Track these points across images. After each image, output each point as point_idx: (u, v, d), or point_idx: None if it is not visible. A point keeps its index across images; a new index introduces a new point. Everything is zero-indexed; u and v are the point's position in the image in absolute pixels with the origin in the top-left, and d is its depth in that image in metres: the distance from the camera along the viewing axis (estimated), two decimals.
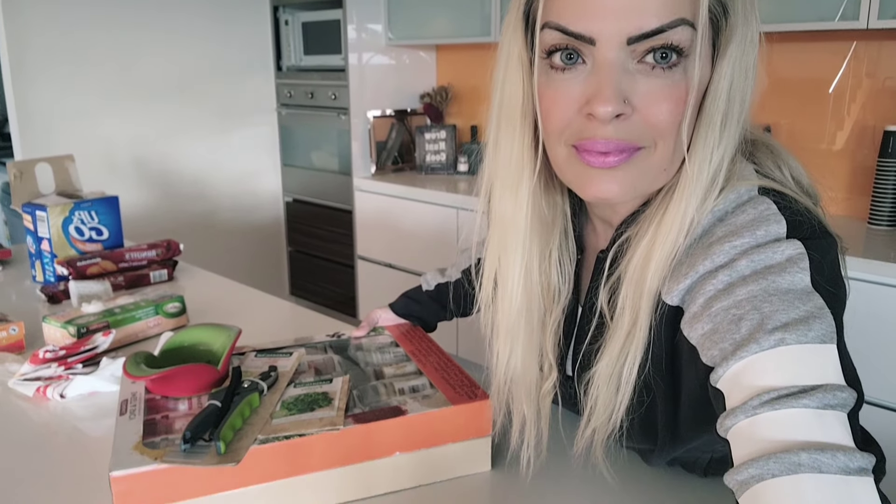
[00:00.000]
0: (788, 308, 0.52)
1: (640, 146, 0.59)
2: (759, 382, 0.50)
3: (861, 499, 0.44)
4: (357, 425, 0.75)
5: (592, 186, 0.61)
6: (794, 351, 0.50)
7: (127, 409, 0.78)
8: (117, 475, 0.66)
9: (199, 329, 0.93)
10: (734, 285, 0.55)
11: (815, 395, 0.48)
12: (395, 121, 3.18)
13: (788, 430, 0.47)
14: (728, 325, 0.53)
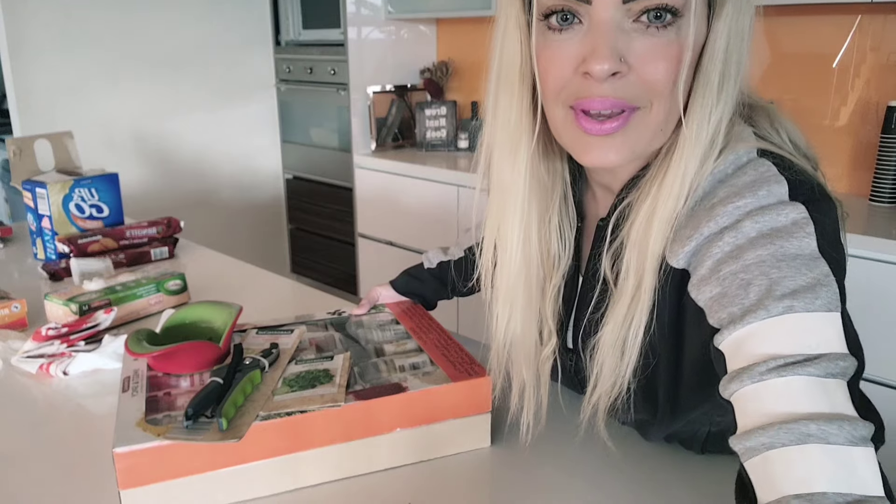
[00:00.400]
0: (796, 275, 0.53)
1: (636, 106, 0.60)
2: (765, 349, 0.51)
3: (862, 467, 0.46)
4: (358, 402, 0.75)
5: (591, 153, 0.61)
6: (801, 318, 0.51)
7: (129, 385, 0.78)
8: (121, 451, 0.67)
9: (200, 306, 0.93)
10: (742, 248, 0.55)
11: (819, 364, 0.49)
12: (395, 97, 3.16)
13: (795, 399, 0.49)
14: (737, 290, 0.54)
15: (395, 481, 0.77)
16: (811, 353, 0.50)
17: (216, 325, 0.91)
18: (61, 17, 2.72)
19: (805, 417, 0.48)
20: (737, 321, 0.53)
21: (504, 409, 0.83)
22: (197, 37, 3.11)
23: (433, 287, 1.06)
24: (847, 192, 2.26)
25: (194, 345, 0.82)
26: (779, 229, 0.55)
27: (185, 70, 3.10)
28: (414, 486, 0.76)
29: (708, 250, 0.57)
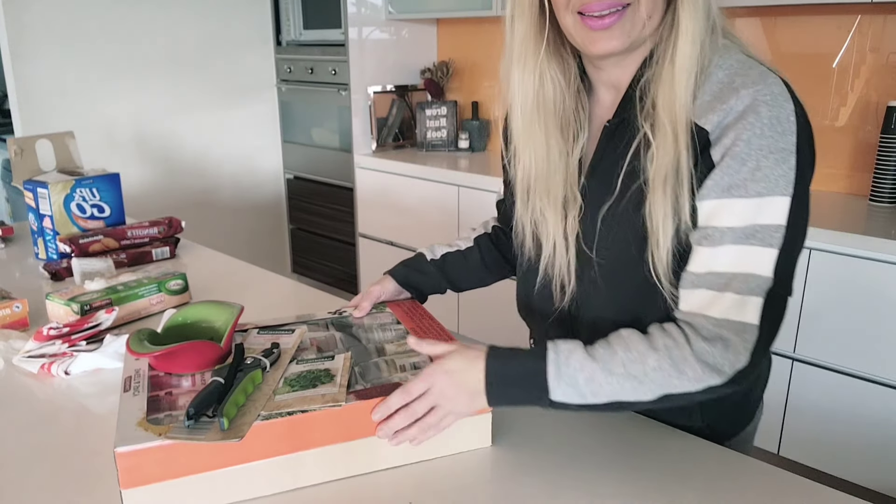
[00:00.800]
0: (777, 164, 0.73)
1: (627, 3, 0.77)
2: (721, 223, 0.74)
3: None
4: (359, 401, 0.76)
5: (597, 44, 0.78)
6: (765, 200, 0.73)
7: (131, 385, 0.79)
8: (122, 451, 0.67)
9: (201, 306, 0.93)
10: (751, 138, 0.73)
11: (758, 236, 0.73)
12: (395, 97, 3.16)
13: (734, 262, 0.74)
14: (733, 164, 0.74)
15: (395, 481, 0.78)
16: (760, 224, 0.73)
17: (217, 324, 0.91)
18: (62, 17, 2.72)
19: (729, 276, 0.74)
20: (723, 192, 0.74)
21: (504, 420, 0.84)
22: (198, 37, 3.12)
23: (434, 280, 1.07)
24: (847, 191, 2.26)
25: (195, 344, 0.82)
26: (781, 120, 0.73)
27: (186, 70, 3.11)
28: (415, 485, 0.77)
29: (734, 126, 0.74)
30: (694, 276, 0.76)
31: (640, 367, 0.73)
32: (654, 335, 0.75)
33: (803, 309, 1.89)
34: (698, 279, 0.76)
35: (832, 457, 1.92)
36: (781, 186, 0.73)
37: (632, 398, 0.74)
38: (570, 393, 0.74)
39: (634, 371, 0.73)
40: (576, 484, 0.77)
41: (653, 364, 0.73)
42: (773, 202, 0.73)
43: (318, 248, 3.49)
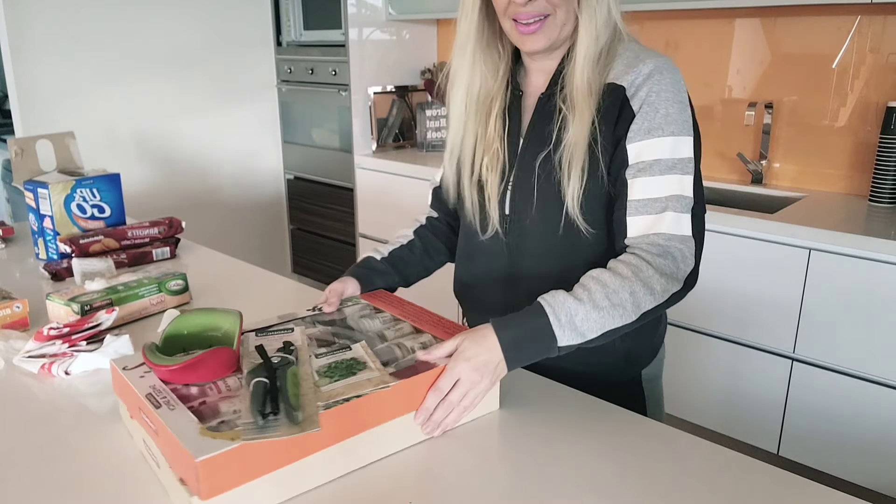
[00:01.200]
0: (680, 112, 0.96)
1: (547, 14, 0.98)
2: (649, 157, 0.95)
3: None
4: (401, 381, 0.81)
5: (527, 44, 1.00)
6: (679, 138, 0.96)
7: (160, 402, 0.77)
8: (204, 459, 0.66)
9: (198, 315, 0.93)
10: (659, 91, 0.96)
11: (679, 166, 0.95)
12: (395, 97, 3.17)
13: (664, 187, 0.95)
14: (649, 111, 0.95)
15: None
16: (677, 157, 0.95)
17: (221, 332, 0.91)
18: (63, 17, 2.72)
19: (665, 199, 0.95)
20: (644, 134, 0.95)
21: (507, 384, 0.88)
22: (198, 37, 3.12)
23: (389, 278, 1.16)
24: (846, 192, 2.26)
25: (217, 351, 0.82)
26: (678, 82, 0.97)
27: (186, 70, 3.11)
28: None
29: (645, 83, 0.96)
30: (636, 203, 0.95)
31: (619, 296, 0.89)
32: (618, 267, 0.92)
33: (803, 309, 1.89)
34: (641, 206, 0.95)
35: (831, 457, 1.92)
36: (686, 129, 0.96)
37: (619, 324, 0.90)
38: (573, 336, 0.88)
39: (616, 300, 0.89)
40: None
41: (628, 289, 0.90)
42: (683, 140, 0.96)
43: (318, 248, 3.49)
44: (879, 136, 2.04)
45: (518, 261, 1.07)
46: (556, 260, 1.04)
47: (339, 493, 0.76)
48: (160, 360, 0.80)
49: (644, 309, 0.91)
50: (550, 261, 1.04)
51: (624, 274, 0.91)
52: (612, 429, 0.88)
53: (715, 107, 2.50)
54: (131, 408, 0.82)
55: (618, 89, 0.97)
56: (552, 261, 1.04)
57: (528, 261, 1.06)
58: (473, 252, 1.13)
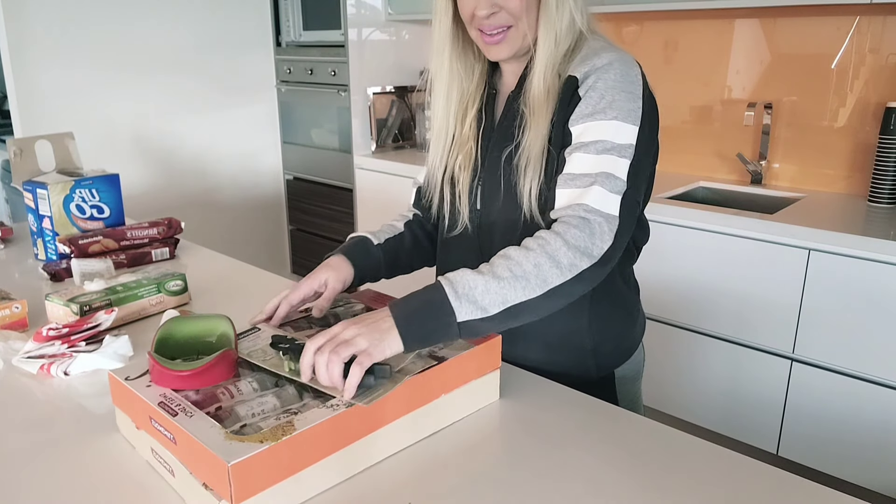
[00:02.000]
0: (627, 101, 0.96)
1: (510, 25, 1.01)
2: (589, 137, 0.96)
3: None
4: (419, 374, 0.83)
5: (492, 52, 1.04)
6: (620, 125, 0.95)
7: (175, 409, 0.76)
8: (236, 462, 0.66)
9: (187, 322, 0.92)
10: (607, 79, 0.97)
11: (615, 150, 0.95)
12: (395, 97, 3.16)
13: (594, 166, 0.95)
14: (594, 96, 0.97)
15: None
16: (616, 143, 0.94)
17: (216, 334, 0.91)
18: (62, 18, 2.72)
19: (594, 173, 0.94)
20: (587, 117, 0.96)
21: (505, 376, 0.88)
22: (198, 38, 3.12)
23: (376, 268, 1.14)
24: (846, 192, 2.26)
25: (226, 354, 0.82)
26: (629, 74, 0.98)
27: (185, 71, 3.11)
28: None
29: (595, 71, 0.98)
30: (567, 176, 0.96)
31: (521, 267, 0.87)
32: (527, 241, 0.91)
33: (802, 309, 1.89)
34: (571, 179, 0.95)
35: (831, 457, 1.92)
36: (632, 118, 0.95)
37: (522, 297, 0.87)
38: (472, 309, 0.85)
39: (518, 272, 0.87)
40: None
41: (532, 261, 0.88)
42: (626, 127, 0.95)
43: (317, 248, 3.49)
44: (879, 136, 2.04)
45: (489, 255, 1.05)
46: None
47: (342, 494, 0.76)
48: (173, 366, 0.80)
49: (551, 284, 0.88)
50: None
51: (531, 246, 0.90)
52: (612, 428, 0.88)
53: (714, 107, 2.50)
54: (138, 418, 0.81)
55: (571, 80, 0.99)
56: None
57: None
58: (449, 247, 1.15)
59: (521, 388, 0.98)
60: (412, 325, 0.83)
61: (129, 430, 0.85)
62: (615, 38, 2.68)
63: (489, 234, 1.09)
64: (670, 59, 2.57)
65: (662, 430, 0.88)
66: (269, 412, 0.77)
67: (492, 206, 1.07)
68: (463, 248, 1.12)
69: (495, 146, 1.08)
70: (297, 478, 0.73)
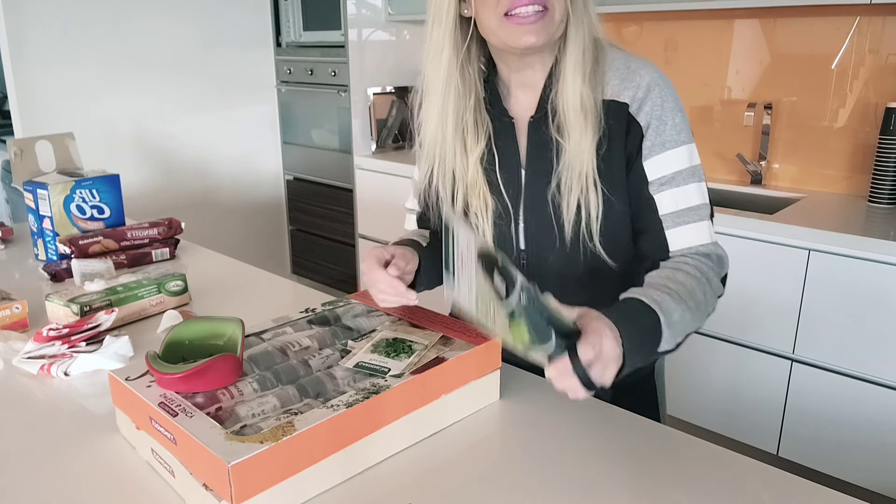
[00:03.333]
0: (683, 120, 0.95)
1: (546, 7, 0.90)
2: (670, 169, 0.94)
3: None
4: (417, 375, 0.83)
5: (524, 38, 0.91)
6: (690, 146, 0.96)
7: (175, 410, 0.76)
8: (237, 462, 0.66)
9: (199, 323, 0.92)
10: (663, 103, 0.94)
11: (696, 173, 0.95)
12: (395, 98, 3.17)
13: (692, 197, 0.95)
14: (659, 126, 0.94)
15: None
16: (691, 165, 0.95)
17: (225, 338, 0.91)
18: (62, 18, 2.72)
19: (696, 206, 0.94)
20: (659, 148, 0.93)
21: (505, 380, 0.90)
22: (198, 38, 3.12)
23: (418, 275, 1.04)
24: (846, 192, 2.26)
25: (224, 357, 0.82)
26: (671, 89, 0.95)
27: (186, 71, 3.11)
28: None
29: (648, 96, 0.93)
30: (671, 216, 0.94)
31: (696, 297, 0.86)
32: (685, 266, 0.90)
33: (802, 310, 1.89)
34: (677, 218, 0.94)
35: (831, 457, 1.92)
36: (690, 135, 0.96)
37: (692, 329, 0.87)
38: (670, 340, 0.82)
39: (700, 302, 0.86)
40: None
41: (702, 290, 0.88)
42: (693, 148, 0.95)
43: (317, 249, 3.49)
44: (879, 136, 2.04)
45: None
46: (581, 292, 0.94)
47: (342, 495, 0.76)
48: (165, 369, 0.80)
49: (708, 313, 0.89)
50: (575, 295, 0.92)
51: (694, 274, 0.88)
52: (611, 428, 0.88)
53: (714, 107, 2.50)
54: (138, 419, 0.81)
55: (621, 107, 0.94)
56: (577, 294, 0.92)
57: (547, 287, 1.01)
58: None
59: (521, 388, 0.98)
60: (634, 357, 0.77)
61: (130, 430, 0.85)
62: (615, 38, 2.68)
63: (540, 273, 1.01)
64: (670, 59, 2.57)
65: (662, 430, 0.88)
66: (270, 412, 0.77)
67: (542, 246, 1.00)
68: None
69: (533, 180, 0.99)
70: (298, 478, 0.73)
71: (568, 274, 0.99)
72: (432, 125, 1.00)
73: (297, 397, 0.81)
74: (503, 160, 1.01)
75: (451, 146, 1.00)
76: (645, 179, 0.95)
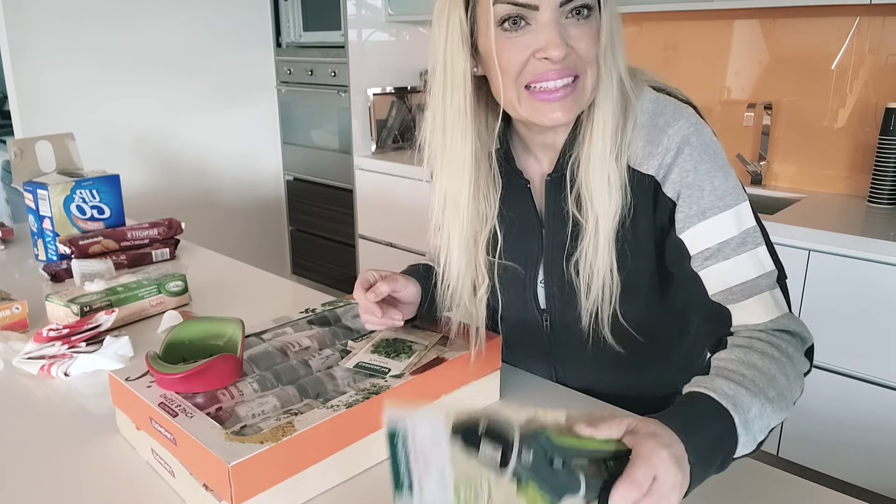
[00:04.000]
0: (726, 179, 0.83)
1: (577, 74, 0.79)
2: (714, 241, 0.80)
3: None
4: (417, 375, 0.83)
5: (550, 115, 0.80)
6: (737, 209, 0.82)
7: (175, 410, 0.76)
8: (236, 463, 0.66)
9: (199, 324, 0.92)
10: (696, 166, 0.81)
11: (749, 239, 0.81)
12: (395, 98, 3.17)
13: (745, 270, 0.80)
14: (693, 194, 0.81)
15: None
16: (743, 229, 0.81)
17: (225, 338, 0.91)
18: (63, 19, 2.72)
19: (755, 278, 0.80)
20: (696, 218, 0.81)
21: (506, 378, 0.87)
22: (198, 38, 3.12)
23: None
24: (845, 193, 2.26)
25: (224, 358, 0.82)
26: (711, 146, 0.82)
27: (186, 72, 3.11)
28: None
29: (676, 161, 0.81)
30: (722, 295, 0.80)
31: (778, 386, 0.71)
32: (758, 345, 0.74)
33: (802, 310, 1.89)
34: (730, 296, 0.79)
35: (831, 458, 1.92)
36: (739, 195, 0.82)
37: (777, 421, 0.70)
38: (748, 444, 0.67)
39: (782, 391, 0.71)
40: None
41: (785, 371, 0.73)
42: (741, 209, 0.82)
43: (317, 249, 3.49)
44: (879, 137, 2.04)
45: (558, 350, 0.98)
46: (618, 360, 0.90)
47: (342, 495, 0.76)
48: (166, 369, 0.80)
49: (795, 397, 0.73)
50: (611, 361, 0.91)
51: (770, 353, 0.73)
52: None
53: (714, 108, 2.50)
54: (138, 419, 0.81)
55: (645, 179, 0.82)
56: (614, 361, 0.91)
57: (573, 366, 0.99)
58: (510, 323, 0.99)
59: (521, 389, 0.98)
60: (703, 472, 0.63)
61: (130, 430, 0.85)
62: None
63: (565, 337, 0.95)
64: (670, 60, 2.57)
65: None
66: (270, 413, 0.77)
67: (566, 307, 0.92)
68: (528, 331, 0.98)
69: (552, 244, 0.90)
70: (298, 478, 0.73)
71: (598, 339, 0.88)
72: (465, 219, 0.86)
73: (298, 398, 0.81)
74: (521, 223, 0.92)
75: (474, 216, 0.88)
76: (686, 254, 0.82)
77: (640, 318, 0.88)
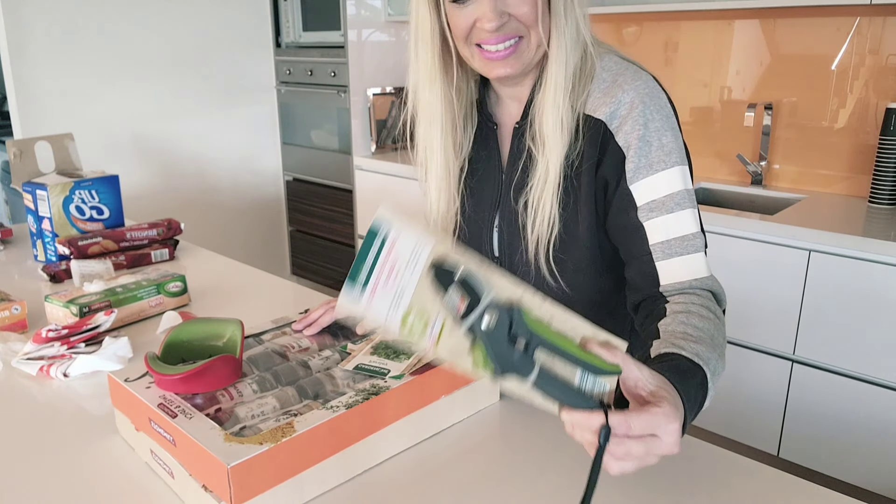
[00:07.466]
0: (675, 139, 0.89)
1: (520, 35, 0.88)
2: (660, 193, 0.87)
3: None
4: (418, 375, 0.83)
5: (494, 70, 0.90)
6: (682, 168, 0.89)
7: (174, 411, 0.76)
8: (236, 464, 0.66)
9: (198, 324, 0.92)
10: (647, 122, 0.88)
11: (688, 199, 0.88)
12: (394, 98, 3.16)
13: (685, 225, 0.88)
14: (643, 147, 0.88)
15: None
16: (685, 188, 0.88)
17: (224, 339, 0.91)
18: (62, 19, 2.72)
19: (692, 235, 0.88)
20: (645, 170, 0.88)
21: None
22: (197, 39, 3.12)
23: None
24: (846, 193, 2.26)
25: (224, 359, 0.82)
26: (663, 108, 0.89)
27: (185, 72, 3.11)
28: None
29: (630, 113, 0.88)
30: (661, 246, 0.88)
31: (719, 339, 0.79)
32: (697, 308, 0.82)
33: (803, 311, 1.89)
34: (668, 248, 0.88)
35: (832, 458, 1.91)
36: (683, 157, 0.89)
37: (720, 376, 0.77)
38: (711, 393, 0.73)
39: (720, 344, 0.79)
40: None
41: (720, 331, 0.81)
42: (684, 170, 0.89)
43: (317, 249, 3.49)
44: (879, 137, 2.04)
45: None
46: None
47: (342, 496, 0.76)
48: (165, 370, 0.80)
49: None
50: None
51: (708, 317, 0.81)
52: None
53: (714, 108, 2.50)
54: (137, 420, 0.81)
55: (597, 123, 0.89)
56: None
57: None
58: None
59: None
60: (688, 419, 0.68)
61: (129, 431, 0.85)
62: (615, 40, 2.68)
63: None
64: (670, 60, 2.57)
65: None
66: (269, 414, 0.77)
67: (512, 256, 0.99)
68: None
69: (510, 188, 0.98)
70: (297, 479, 0.72)
71: (541, 283, 0.96)
72: (438, 148, 1.01)
73: (297, 398, 0.81)
74: (485, 164, 1.01)
75: (448, 154, 1.01)
76: (633, 204, 0.89)
77: (576, 267, 0.95)
